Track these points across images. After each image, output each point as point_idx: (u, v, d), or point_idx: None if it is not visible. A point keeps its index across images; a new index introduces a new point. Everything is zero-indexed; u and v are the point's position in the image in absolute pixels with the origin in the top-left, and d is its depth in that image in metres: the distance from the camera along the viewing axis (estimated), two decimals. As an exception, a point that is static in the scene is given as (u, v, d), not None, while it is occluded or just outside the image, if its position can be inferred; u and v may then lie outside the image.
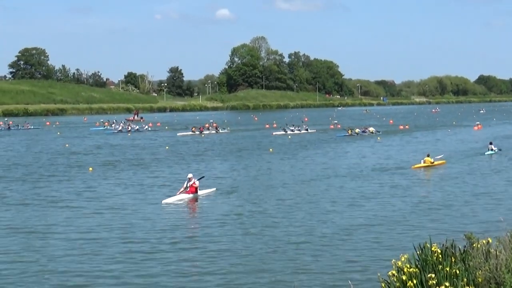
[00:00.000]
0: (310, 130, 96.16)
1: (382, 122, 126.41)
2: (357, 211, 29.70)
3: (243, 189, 37.30)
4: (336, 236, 24.36)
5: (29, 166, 50.70)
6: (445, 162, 50.36)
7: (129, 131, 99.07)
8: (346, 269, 19.76)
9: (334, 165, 48.97)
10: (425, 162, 47.85)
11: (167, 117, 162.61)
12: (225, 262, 21.00)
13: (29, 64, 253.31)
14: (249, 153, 61.58)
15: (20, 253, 22.75)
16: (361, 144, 71.00)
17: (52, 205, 32.51)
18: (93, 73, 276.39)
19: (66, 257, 21.91)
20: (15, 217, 29.52)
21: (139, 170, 47.81)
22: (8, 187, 38.88)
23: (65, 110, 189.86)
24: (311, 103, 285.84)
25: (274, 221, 27.29)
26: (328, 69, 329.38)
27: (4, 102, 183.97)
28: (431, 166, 47.82)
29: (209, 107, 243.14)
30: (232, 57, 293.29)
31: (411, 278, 12.70)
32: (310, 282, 18.45)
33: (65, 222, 27.95)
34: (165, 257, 21.89)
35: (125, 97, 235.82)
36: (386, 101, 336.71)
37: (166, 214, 30.36)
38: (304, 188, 37.41)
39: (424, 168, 47.25)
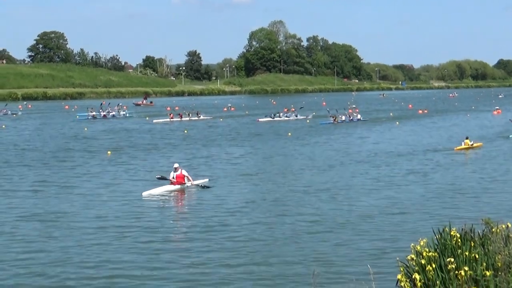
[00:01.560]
0: (300, 117, 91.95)
1: (401, 107, 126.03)
2: (377, 196, 29.59)
3: (241, 178, 36.11)
4: (355, 220, 24.32)
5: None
6: (482, 144, 50.80)
7: (104, 116, 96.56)
8: (365, 253, 19.75)
9: (354, 151, 48.68)
10: (465, 144, 48.50)
11: (185, 101, 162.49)
12: (243, 250, 20.99)
13: (48, 48, 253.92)
14: (241, 140, 59.10)
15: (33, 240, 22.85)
16: (380, 129, 70.76)
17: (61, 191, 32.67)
18: (112, 57, 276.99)
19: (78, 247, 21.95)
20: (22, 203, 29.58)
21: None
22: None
23: (84, 93, 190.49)
24: (329, 87, 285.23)
25: (283, 209, 26.97)
26: (346, 53, 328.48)
27: (23, 85, 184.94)
28: (470, 148, 48.46)
29: (227, 91, 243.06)
30: (250, 41, 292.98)
31: (430, 262, 12.71)
32: (329, 267, 18.44)
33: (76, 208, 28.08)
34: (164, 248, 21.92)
35: (143, 81, 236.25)
36: (404, 85, 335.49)
37: (147, 206, 28.42)
38: (319, 175, 37.23)
39: (462, 150, 47.85)
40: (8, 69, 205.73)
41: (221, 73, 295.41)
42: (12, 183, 34.62)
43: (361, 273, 16.58)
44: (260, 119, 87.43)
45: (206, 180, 34.00)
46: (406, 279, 12.90)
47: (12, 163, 43.01)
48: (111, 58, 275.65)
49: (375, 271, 15.09)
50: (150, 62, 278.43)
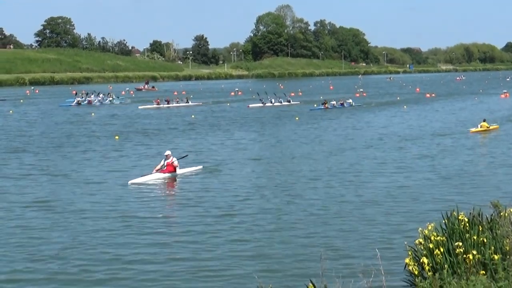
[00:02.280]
0: (293, 102, 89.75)
1: (408, 90, 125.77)
2: (386, 180, 29.53)
3: (247, 163, 35.82)
4: (363, 205, 24.29)
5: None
6: (498, 127, 51.02)
7: (89, 103, 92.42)
8: (373, 238, 19.73)
9: (362, 136, 48.60)
10: (482, 127, 48.62)
11: (192, 86, 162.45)
12: (249, 235, 21.03)
13: (55, 33, 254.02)
14: (234, 126, 57.28)
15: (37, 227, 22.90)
16: (388, 113, 70.64)
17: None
18: (119, 42, 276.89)
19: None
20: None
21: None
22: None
23: (91, 78, 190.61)
24: (336, 71, 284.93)
25: (291, 194, 26.89)
26: (353, 37, 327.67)
27: (31, 70, 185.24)
28: (487, 131, 48.67)
29: (235, 75, 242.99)
30: (257, 25, 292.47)
31: (438, 246, 12.74)
32: (337, 251, 18.44)
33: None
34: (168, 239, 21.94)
35: (151, 65, 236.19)
36: (412, 68, 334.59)
37: (136, 195, 27.50)
38: (326, 159, 37.21)
39: (478, 132, 48.12)
40: (16, 54, 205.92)
41: (228, 57, 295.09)
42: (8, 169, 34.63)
43: (369, 258, 16.55)
44: (251, 105, 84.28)
45: (200, 167, 33.29)
46: (414, 263, 12.94)
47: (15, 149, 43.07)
48: (118, 43, 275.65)
49: (383, 255, 15.11)
50: (157, 46, 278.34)
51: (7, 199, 26.50)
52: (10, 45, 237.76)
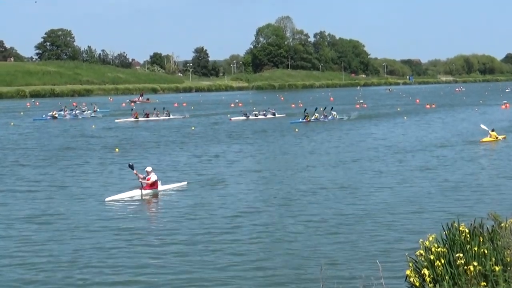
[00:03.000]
0: (278, 115, 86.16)
1: (408, 101, 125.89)
2: (386, 192, 29.53)
3: (246, 176, 35.47)
4: (363, 217, 24.29)
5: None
6: (505, 137, 51.19)
7: (65, 116, 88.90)
8: (374, 249, 19.75)
9: (363, 147, 48.62)
10: (491, 137, 49.04)
11: (193, 97, 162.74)
12: (250, 246, 21.05)
13: (55, 45, 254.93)
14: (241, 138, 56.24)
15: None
16: (388, 124, 70.71)
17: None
18: (119, 54, 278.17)
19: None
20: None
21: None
22: None
23: (91, 90, 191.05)
24: (336, 82, 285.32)
25: (291, 206, 26.95)
26: (353, 49, 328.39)
27: (31, 83, 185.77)
28: (495, 141, 48.94)
29: (235, 87, 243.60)
30: (257, 37, 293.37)
31: (439, 258, 12.71)
32: (337, 262, 18.44)
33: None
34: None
35: (151, 77, 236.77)
36: (412, 80, 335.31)
37: (113, 212, 26.48)
38: (327, 171, 37.25)
39: (488, 142, 48.48)
40: (16, 66, 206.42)
41: (228, 69, 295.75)
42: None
43: (370, 269, 16.57)
44: (233, 118, 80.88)
45: (185, 183, 32.04)
46: (415, 274, 12.91)
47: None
48: (118, 55, 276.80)
49: (384, 267, 15.11)
50: (158, 58, 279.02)
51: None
52: (10, 57, 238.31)
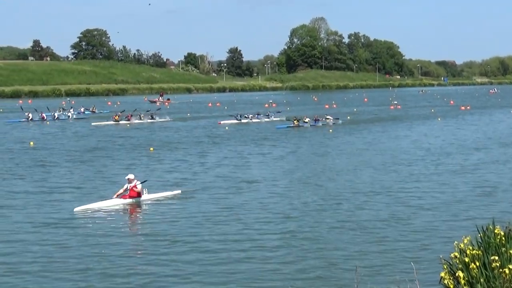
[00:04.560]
0: (275, 118, 78.62)
1: (443, 103, 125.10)
2: (421, 193, 29.41)
3: (276, 178, 35.13)
4: (398, 217, 24.28)
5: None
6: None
7: (42, 118, 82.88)
8: (408, 251, 19.73)
9: (398, 149, 48.42)
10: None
11: (226, 98, 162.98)
12: (284, 246, 21.11)
13: (91, 45, 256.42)
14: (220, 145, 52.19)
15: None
16: (423, 125, 70.30)
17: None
18: (154, 54, 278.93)
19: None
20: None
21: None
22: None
23: (126, 90, 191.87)
24: (370, 83, 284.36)
25: (325, 206, 27.05)
26: (388, 50, 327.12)
27: (67, 82, 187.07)
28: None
29: (268, 87, 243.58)
30: (291, 38, 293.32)
31: (473, 260, 12.70)
32: (371, 264, 18.46)
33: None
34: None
35: (185, 77, 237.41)
36: (446, 81, 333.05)
37: (81, 224, 24.34)
38: (362, 172, 37.14)
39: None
40: (52, 66, 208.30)
41: (262, 70, 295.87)
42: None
43: (405, 271, 16.59)
44: (223, 121, 75.72)
45: (178, 191, 29.84)
46: (449, 276, 12.90)
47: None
48: (153, 55, 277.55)
49: (419, 268, 15.12)
50: (192, 58, 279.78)
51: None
52: (47, 57, 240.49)
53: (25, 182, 34.01)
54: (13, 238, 22.34)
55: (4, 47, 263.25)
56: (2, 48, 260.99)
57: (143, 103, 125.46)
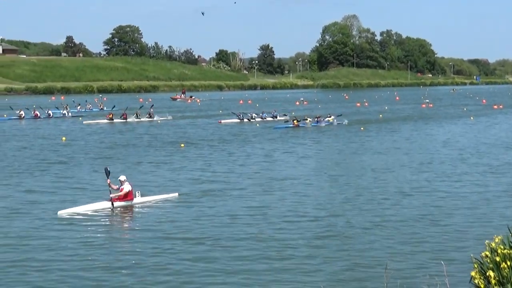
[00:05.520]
0: (280, 117, 74.58)
1: (475, 102, 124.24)
2: (452, 192, 29.28)
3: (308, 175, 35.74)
4: (428, 216, 24.19)
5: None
6: None
7: (36, 117, 79.65)
8: (439, 250, 19.65)
9: (430, 148, 48.21)
10: None
11: (257, 95, 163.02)
12: (314, 244, 21.15)
13: (123, 41, 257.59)
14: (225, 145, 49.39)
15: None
16: (455, 124, 69.87)
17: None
18: (185, 51, 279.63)
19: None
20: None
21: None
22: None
23: (157, 87, 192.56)
24: (402, 81, 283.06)
25: (354, 204, 27.03)
26: (420, 48, 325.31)
27: (99, 78, 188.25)
28: None
29: (300, 85, 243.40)
30: (323, 35, 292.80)
31: (505, 260, 12.64)
32: (401, 263, 18.42)
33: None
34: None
35: (217, 74, 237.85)
36: (479, 80, 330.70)
37: (69, 228, 23.07)
38: (391, 171, 37.03)
39: None
40: (85, 62, 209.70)
41: (293, 67, 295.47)
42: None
43: (435, 269, 16.55)
44: (223, 120, 73.35)
45: (175, 194, 28.44)
46: (480, 276, 12.86)
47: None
48: (184, 52, 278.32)
49: (449, 267, 15.08)
50: (223, 56, 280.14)
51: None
52: (79, 53, 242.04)
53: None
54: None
55: (38, 43, 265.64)
56: (36, 44, 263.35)
57: (167, 101, 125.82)
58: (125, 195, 26.45)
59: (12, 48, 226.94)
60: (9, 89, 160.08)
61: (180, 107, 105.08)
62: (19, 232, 22.47)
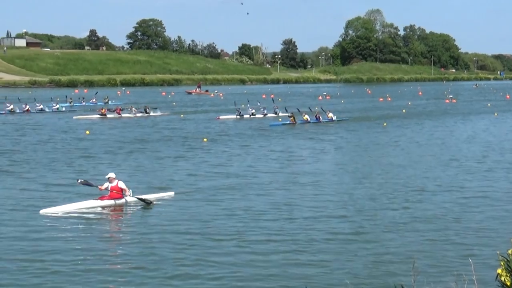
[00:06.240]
0: (282, 114, 70.76)
1: (499, 97, 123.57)
2: (478, 188, 29.31)
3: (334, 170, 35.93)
4: (453, 212, 24.18)
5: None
6: None
7: (26, 110, 76.23)
8: (465, 247, 19.67)
9: (451, 143, 48.16)
10: None
11: (280, 89, 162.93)
12: (340, 240, 21.14)
13: (146, 35, 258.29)
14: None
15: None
16: (479, 120, 69.55)
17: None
18: (208, 45, 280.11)
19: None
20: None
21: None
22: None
23: (180, 80, 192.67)
24: (425, 76, 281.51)
25: (381, 201, 27.07)
26: (444, 43, 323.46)
27: (122, 72, 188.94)
28: None
29: (323, 79, 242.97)
30: (346, 30, 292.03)
31: (531, 257, 12.57)
32: (428, 259, 18.40)
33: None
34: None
35: (239, 68, 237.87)
36: (503, 75, 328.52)
37: (51, 228, 22.00)
38: (413, 167, 36.96)
39: None
40: (108, 55, 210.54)
41: (316, 62, 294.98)
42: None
43: (462, 266, 16.53)
44: (222, 116, 70.26)
45: (171, 193, 27.26)
46: (506, 273, 12.79)
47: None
48: (207, 46, 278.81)
49: (476, 264, 15.03)
50: (246, 50, 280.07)
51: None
52: (103, 46, 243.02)
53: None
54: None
55: (61, 37, 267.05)
56: (60, 38, 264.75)
57: (183, 95, 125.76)
58: (116, 193, 25.31)
59: (36, 41, 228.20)
60: (33, 82, 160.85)
61: (201, 101, 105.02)
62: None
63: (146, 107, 75.06)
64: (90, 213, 24.20)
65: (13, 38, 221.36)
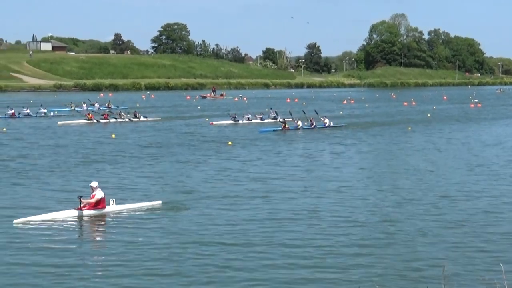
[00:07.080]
0: (280, 119, 64.18)
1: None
2: (504, 194, 29.18)
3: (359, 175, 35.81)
4: (480, 218, 24.14)
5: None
6: None
7: (12, 114, 74.28)
8: (496, 251, 19.67)
9: (475, 148, 47.98)
10: None
11: (304, 93, 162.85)
12: (371, 244, 21.15)
13: (170, 39, 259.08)
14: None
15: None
16: (503, 126, 69.22)
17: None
18: (232, 49, 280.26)
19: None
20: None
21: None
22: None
23: (204, 84, 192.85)
24: (450, 81, 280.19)
25: (410, 206, 27.02)
26: (468, 47, 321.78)
27: (146, 76, 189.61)
28: None
29: (347, 84, 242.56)
30: (370, 34, 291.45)
31: None
32: (459, 263, 18.38)
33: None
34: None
35: (263, 72, 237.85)
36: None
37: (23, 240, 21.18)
38: (440, 173, 36.84)
39: None
40: (132, 59, 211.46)
41: (340, 66, 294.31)
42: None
43: (493, 272, 16.49)
44: (215, 122, 68.21)
45: (158, 202, 26.14)
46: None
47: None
48: (231, 50, 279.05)
49: (507, 269, 15.01)
50: (270, 54, 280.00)
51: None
52: (127, 50, 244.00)
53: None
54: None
55: (87, 41, 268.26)
56: (85, 42, 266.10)
57: (200, 99, 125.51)
58: (97, 203, 24.32)
59: (61, 45, 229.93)
60: (58, 86, 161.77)
61: (215, 105, 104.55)
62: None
63: (136, 112, 73.55)
64: (68, 223, 23.37)
65: (39, 42, 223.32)
